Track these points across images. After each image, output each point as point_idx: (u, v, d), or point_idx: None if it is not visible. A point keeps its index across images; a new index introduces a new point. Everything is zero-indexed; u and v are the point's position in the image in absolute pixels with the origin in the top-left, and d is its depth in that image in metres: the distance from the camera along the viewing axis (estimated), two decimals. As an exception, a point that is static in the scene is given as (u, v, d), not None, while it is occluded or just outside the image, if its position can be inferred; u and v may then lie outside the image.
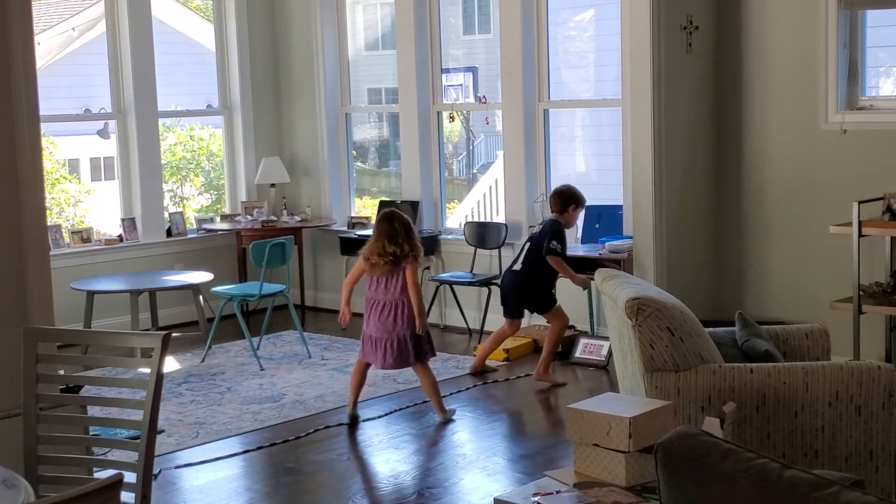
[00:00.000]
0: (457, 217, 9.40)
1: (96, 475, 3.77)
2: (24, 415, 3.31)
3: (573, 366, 7.10)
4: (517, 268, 6.84)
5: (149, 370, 3.18)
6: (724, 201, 7.27)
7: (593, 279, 5.24)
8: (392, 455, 5.58)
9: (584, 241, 7.62)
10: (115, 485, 2.23)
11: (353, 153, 9.66)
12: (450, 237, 8.57)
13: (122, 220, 8.71)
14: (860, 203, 6.16)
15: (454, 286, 8.19)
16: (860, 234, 6.17)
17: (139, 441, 3.18)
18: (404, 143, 8.76)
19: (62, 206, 10.38)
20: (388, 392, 6.61)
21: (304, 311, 8.89)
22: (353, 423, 6.04)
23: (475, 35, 10.09)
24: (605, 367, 7.00)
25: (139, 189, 8.69)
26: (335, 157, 9.32)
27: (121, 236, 8.68)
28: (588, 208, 7.15)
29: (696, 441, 2.33)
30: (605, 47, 8.83)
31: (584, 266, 6.96)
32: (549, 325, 6.95)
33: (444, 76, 8.75)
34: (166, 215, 9.01)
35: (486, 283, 7.91)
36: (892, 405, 4.18)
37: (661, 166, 6.99)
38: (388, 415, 6.17)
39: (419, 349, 5.95)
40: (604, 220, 7.65)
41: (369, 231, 7.19)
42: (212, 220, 9.36)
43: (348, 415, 6.07)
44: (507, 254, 7.75)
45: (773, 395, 4.14)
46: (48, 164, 9.79)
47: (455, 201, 9.87)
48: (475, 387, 6.74)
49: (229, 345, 7.92)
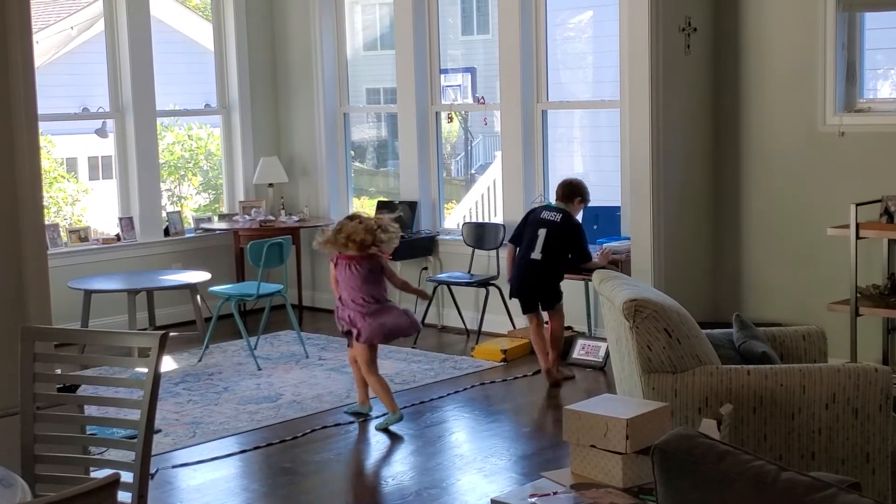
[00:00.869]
0: (455, 217, 9.39)
1: (93, 474, 3.76)
2: (21, 414, 3.31)
3: (570, 367, 7.09)
4: (536, 256, 6.68)
5: (146, 370, 3.18)
6: (722, 203, 7.27)
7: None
8: (390, 455, 5.58)
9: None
10: (112, 484, 2.23)
11: (352, 153, 9.66)
12: (448, 238, 8.56)
13: (120, 219, 8.70)
14: (858, 205, 6.16)
15: (452, 287, 8.18)
16: (858, 237, 6.17)
17: (136, 440, 3.18)
18: (402, 143, 8.76)
19: (60, 205, 10.37)
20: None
21: (301, 311, 8.89)
22: (364, 418, 6.09)
23: (474, 35, 10.09)
24: (603, 368, 7.00)
25: (137, 188, 8.69)
26: (333, 157, 9.31)
27: (118, 235, 8.67)
28: (586, 209, 7.15)
29: (693, 443, 2.33)
30: (603, 48, 8.84)
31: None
32: (546, 323, 6.92)
33: (442, 76, 8.75)
34: (164, 215, 9.00)
35: (484, 283, 7.91)
36: (889, 408, 4.18)
37: (659, 168, 6.98)
38: (385, 415, 6.17)
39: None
40: (602, 221, 7.65)
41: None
42: (210, 219, 9.35)
43: (365, 411, 6.13)
44: (506, 254, 7.73)
45: (770, 397, 4.14)
46: (46, 163, 9.78)
47: (453, 202, 9.87)
48: (472, 387, 6.74)
49: (226, 344, 7.92)
